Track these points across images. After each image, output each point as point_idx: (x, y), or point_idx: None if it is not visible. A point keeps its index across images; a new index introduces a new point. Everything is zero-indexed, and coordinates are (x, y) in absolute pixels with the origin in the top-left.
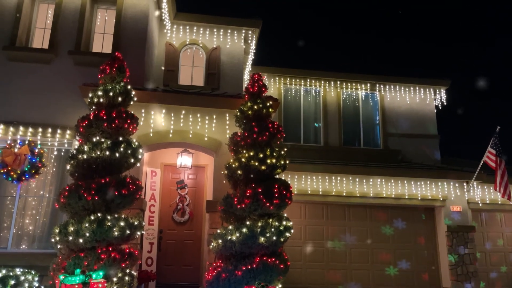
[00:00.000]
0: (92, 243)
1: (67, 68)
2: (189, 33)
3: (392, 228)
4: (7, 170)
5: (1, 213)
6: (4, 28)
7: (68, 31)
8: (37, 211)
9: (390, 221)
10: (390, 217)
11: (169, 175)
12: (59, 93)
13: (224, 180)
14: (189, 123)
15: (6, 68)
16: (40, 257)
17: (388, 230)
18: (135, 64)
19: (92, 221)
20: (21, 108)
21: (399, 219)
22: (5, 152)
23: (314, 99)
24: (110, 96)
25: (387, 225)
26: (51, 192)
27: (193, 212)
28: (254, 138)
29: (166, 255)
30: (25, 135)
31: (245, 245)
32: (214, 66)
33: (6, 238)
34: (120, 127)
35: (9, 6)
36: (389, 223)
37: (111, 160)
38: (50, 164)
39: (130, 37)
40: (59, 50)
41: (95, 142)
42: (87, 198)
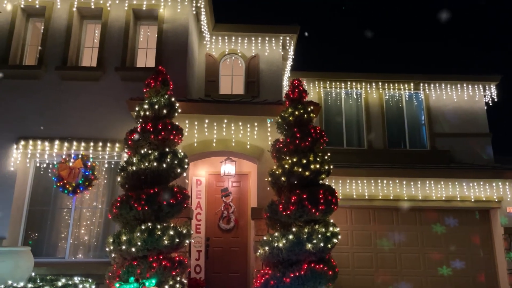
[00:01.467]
0: (143, 251)
1: (114, 84)
2: (228, 43)
3: (443, 227)
4: (63, 183)
5: (59, 224)
6: (57, 50)
7: (114, 49)
8: (91, 222)
9: (441, 221)
10: (441, 219)
11: (214, 183)
12: (108, 108)
13: (268, 187)
14: (231, 131)
15: (59, 87)
16: (96, 265)
17: (439, 229)
18: (177, 77)
19: (143, 231)
20: (74, 124)
21: (450, 218)
22: (61, 166)
23: (356, 101)
24: (156, 108)
25: (438, 223)
26: (104, 203)
27: (238, 219)
28: (297, 144)
29: (213, 263)
30: (78, 150)
31: (292, 252)
32: (253, 74)
33: (63, 248)
34: (166, 138)
35: (60, 29)
36: (440, 223)
37: (159, 171)
38: (101, 176)
39: (172, 51)
40: (106, 67)
41: (143, 154)
42: (138, 208)
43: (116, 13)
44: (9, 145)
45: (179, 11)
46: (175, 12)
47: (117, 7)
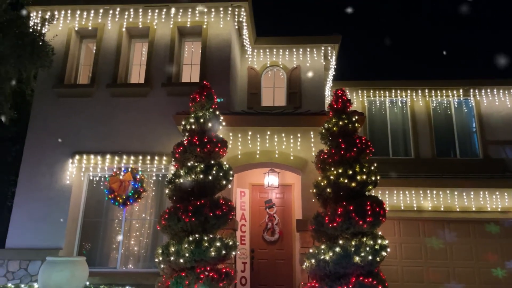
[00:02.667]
0: (191, 263)
1: (161, 99)
2: (269, 56)
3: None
4: (114, 196)
5: (110, 235)
6: (107, 68)
7: (160, 65)
8: (140, 233)
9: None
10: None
11: (257, 194)
12: (155, 123)
13: (313, 199)
14: (274, 143)
15: (110, 104)
16: (145, 276)
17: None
18: (221, 91)
19: (190, 242)
20: (124, 139)
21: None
22: (112, 179)
23: (401, 110)
24: (201, 122)
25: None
26: (152, 215)
27: (283, 231)
28: (342, 154)
29: (259, 275)
30: (128, 163)
31: (339, 265)
32: (295, 85)
33: (115, 259)
34: (211, 151)
35: (110, 49)
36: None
37: (205, 183)
38: (149, 189)
39: (215, 65)
40: (153, 84)
41: (189, 166)
42: (185, 220)
43: (162, 31)
44: (65, 160)
45: (221, 26)
46: (218, 28)
47: (163, 26)
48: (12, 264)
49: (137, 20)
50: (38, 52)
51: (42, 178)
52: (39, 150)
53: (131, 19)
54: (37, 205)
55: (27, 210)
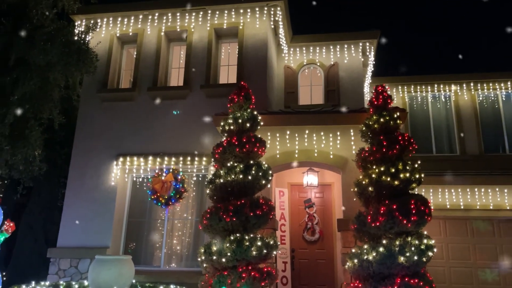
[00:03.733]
0: (233, 262)
1: (200, 101)
2: (305, 54)
3: None
4: (156, 196)
5: (154, 234)
6: (148, 72)
7: (198, 67)
8: (182, 232)
9: None
10: None
11: (296, 194)
12: (194, 124)
13: (354, 198)
14: (313, 142)
15: (151, 107)
16: (188, 274)
17: None
18: (258, 90)
19: (232, 241)
20: (165, 141)
21: None
22: (154, 180)
23: (444, 105)
24: (239, 122)
25: None
26: (193, 215)
27: (323, 231)
28: (384, 152)
29: (299, 274)
30: (169, 164)
31: (383, 265)
32: (333, 83)
33: (159, 257)
34: (250, 151)
35: (150, 52)
36: None
37: (244, 183)
38: (190, 189)
39: (252, 66)
40: (192, 86)
41: (229, 166)
42: (226, 219)
43: (199, 34)
44: (110, 162)
45: (257, 26)
46: (254, 28)
47: (200, 28)
48: (63, 262)
49: (175, 24)
50: (84, 59)
51: (89, 180)
52: (86, 153)
53: (169, 23)
54: (85, 206)
55: (76, 211)
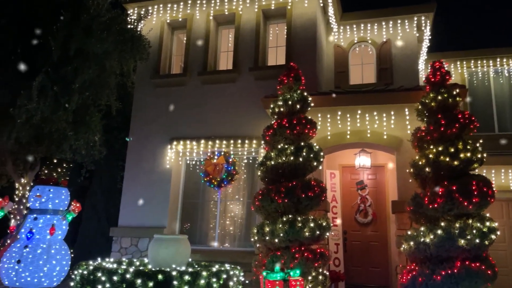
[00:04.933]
0: (285, 242)
1: (249, 83)
2: (356, 32)
3: None
4: (209, 178)
5: (208, 215)
6: (197, 57)
7: (247, 50)
8: (234, 214)
9: None
10: None
11: (348, 176)
12: (244, 107)
13: (409, 179)
14: (365, 122)
15: (201, 91)
16: (241, 254)
17: None
18: (308, 71)
19: (284, 222)
20: (216, 124)
21: None
22: (207, 163)
23: (508, 80)
24: (289, 104)
25: None
26: (245, 196)
27: (376, 213)
28: (442, 131)
29: (352, 256)
30: (220, 147)
31: (441, 248)
32: (385, 61)
33: (213, 237)
34: (301, 132)
35: (199, 38)
36: None
37: (295, 165)
38: (241, 171)
39: (301, 46)
40: (241, 69)
41: (280, 148)
42: (278, 201)
43: (247, 16)
44: (164, 146)
45: (306, 5)
46: (303, 7)
47: (248, 10)
48: (124, 240)
49: (223, 8)
50: (137, 46)
51: (146, 163)
52: (142, 137)
53: (218, 6)
54: (142, 188)
55: (134, 193)
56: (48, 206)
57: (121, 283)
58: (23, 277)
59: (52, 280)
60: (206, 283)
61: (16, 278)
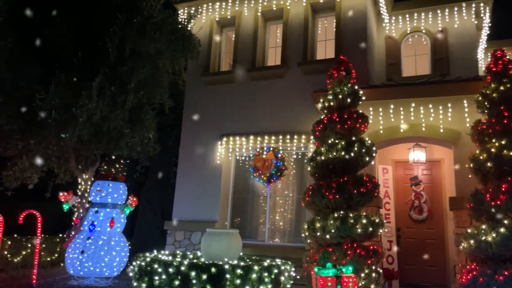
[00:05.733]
0: (337, 239)
1: (297, 78)
2: (409, 22)
3: None
4: (258, 174)
5: (257, 210)
6: (246, 54)
7: (295, 45)
8: (284, 209)
9: None
10: None
11: (401, 171)
12: (292, 103)
13: (469, 174)
14: (420, 115)
15: (250, 87)
16: (292, 250)
17: None
18: (358, 64)
19: (335, 218)
20: (264, 120)
21: None
22: (256, 158)
23: None
24: (340, 98)
25: None
26: (294, 192)
27: (432, 210)
28: (505, 124)
29: (406, 254)
30: (269, 143)
31: (504, 246)
32: (440, 51)
33: (263, 232)
34: (352, 127)
35: (248, 34)
36: None
37: (347, 160)
38: (290, 167)
39: (350, 39)
40: (289, 64)
41: (330, 143)
42: (329, 197)
43: (295, 11)
44: (215, 142)
45: None
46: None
47: (296, 5)
48: (178, 234)
49: (271, 3)
50: (188, 45)
51: (197, 159)
52: (193, 134)
53: (266, 2)
54: (194, 183)
55: (186, 188)
56: (108, 200)
57: (176, 275)
58: (86, 266)
59: (113, 270)
60: (258, 277)
61: (80, 267)
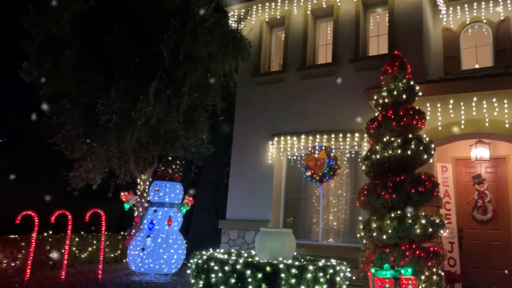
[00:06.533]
0: (394, 239)
1: (349, 76)
2: (468, 11)
3: None
4: (311, 173)
5: (310, 210)
6: (296, 53)
7: (346, 42)
8: (338, 209)
9: None
10: None
11: (462, 169)
12: (344, 100)
13: None
14: (483, 110)
15: (301, 86)
16: (347, 250)
17: None
18: (413, 59)
19: (392, 219)
20: (316, 119)
21: None
22: (308, 157)
23: None
24: (395, 95)
25: None
26: (348, 191)
27: (497, 210)
28: None
29: (470, 256)
30: (321, 142)
31: None
32: (503, 41)
33: (316, 232)
34: (408, 124)
35: (297, 33)
36: None
37: (403, 158)
38: (343, 166)
39: (405, 33)
40: (340, 61)
41: (385, 141)
42: (385, 196)
43: (345, 7)
44: (266, 142)
45: None
46: None
47: (346, 1)
48: (232, 233)
49: (320, 1)
50: (239, 47)
51: (249, 159)
52: (245, 134)
53: (315, 0)
54: (247, 183)
55: (239, 187)
56: (165, 200)
57: (232, 273)
58: (146, 263)
59: (171, 267)
60: (313, 277)
61: (141, 264)
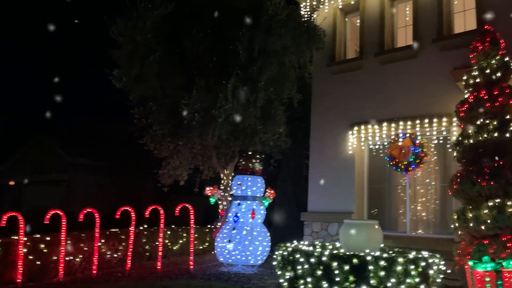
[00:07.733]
0: (494, 230)
1: (432, 56)
2: None
3: None
4: (395, 162)
5: (396, 200)
6: (372, 38)
7: (428, 21)
8: (426, 198)
9: None
10: None
11: None
12: (429, 83)
13: None
14: None
15: (379, 72)
16: (439, 241)
17: None
18: (507, 33)
19: (491, 207)
20: (397, 105)
21: None
22: (391, 146)
23: None
24: (487, 73)
25: None
26: (437, 180)
27: None
28: None
29: None
30: (405, 129)
31: None
32: None
33: (403, 223)
34: (504, 104)
35: (373, 17)
36: None
37: (501, 141)
38: (430, 153)
39: (496, 4)
40: (422, 42)
41: (479, 124)
42: (481, 184)
43: None
44: (345, 132)
45: None
46: None
47: None
48: (315, 225)
49: None
50: (313, 37)
51: (329, 150)
52: (323, 125)
53: None
54: (327, 174)
55: (319, 179)
56: (248, 193)
57: (318, 265)
58: (233, 255)
59: (257, 259)
60: (403, 269)
61: (228, 255)
